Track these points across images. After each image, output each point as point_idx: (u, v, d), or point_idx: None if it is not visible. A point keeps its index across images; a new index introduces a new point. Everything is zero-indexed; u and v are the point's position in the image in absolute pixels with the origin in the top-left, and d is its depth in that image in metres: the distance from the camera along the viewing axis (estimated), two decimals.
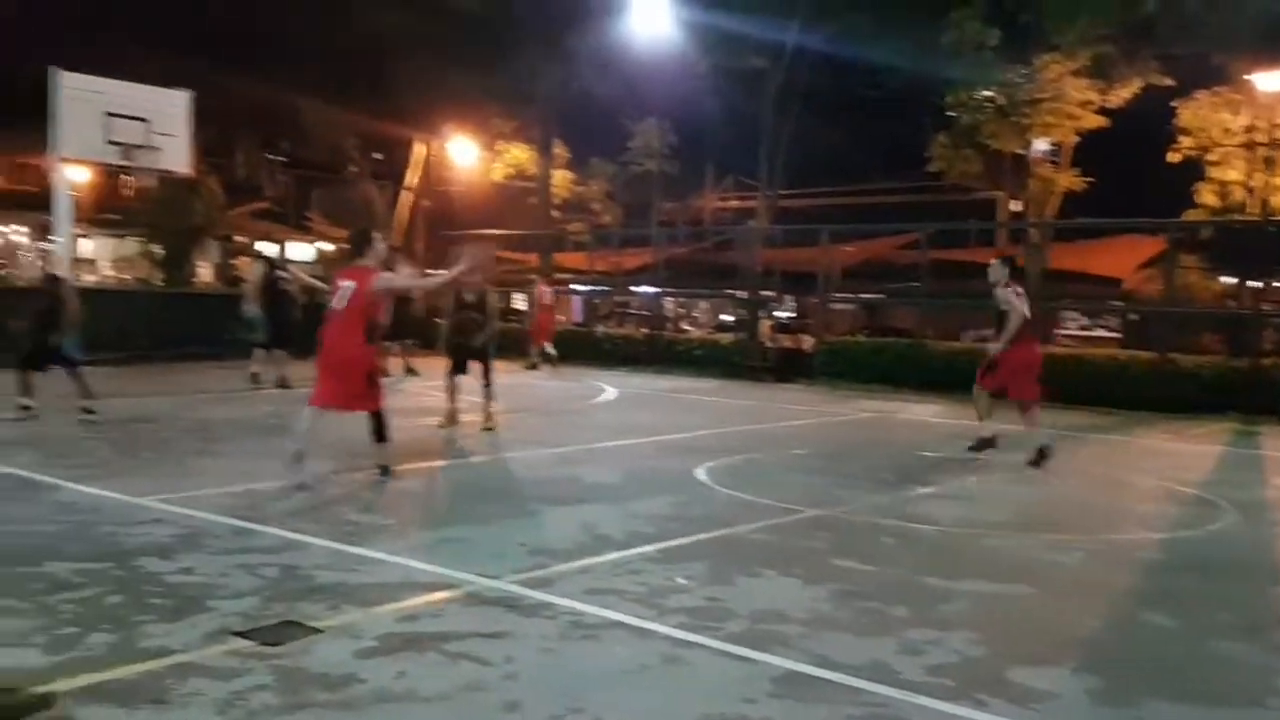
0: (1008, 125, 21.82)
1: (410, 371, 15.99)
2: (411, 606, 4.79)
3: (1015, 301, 9.37)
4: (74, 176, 17.28)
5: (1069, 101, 21.14)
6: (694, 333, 23.51)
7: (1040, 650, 4.53)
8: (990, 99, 21.77)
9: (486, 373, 10.73)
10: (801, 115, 21.38)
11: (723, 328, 24.55)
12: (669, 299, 23.57)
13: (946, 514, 7.32)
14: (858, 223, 24.10)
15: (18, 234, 30.05)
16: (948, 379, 15.57)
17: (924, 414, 13.68)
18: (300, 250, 28.18)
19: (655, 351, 19.75)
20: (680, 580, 5.36)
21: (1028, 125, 21.76)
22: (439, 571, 5.35)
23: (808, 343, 18.93)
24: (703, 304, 29.17)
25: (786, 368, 17.95)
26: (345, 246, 9.80)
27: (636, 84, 24.04)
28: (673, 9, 19.31)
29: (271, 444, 9.31)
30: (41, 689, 3.62)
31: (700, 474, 8.46)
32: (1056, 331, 23.21)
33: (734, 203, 35.26)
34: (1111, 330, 25.46)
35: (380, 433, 7.76)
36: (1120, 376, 14.96)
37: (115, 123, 15.71)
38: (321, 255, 28.18)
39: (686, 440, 10.54)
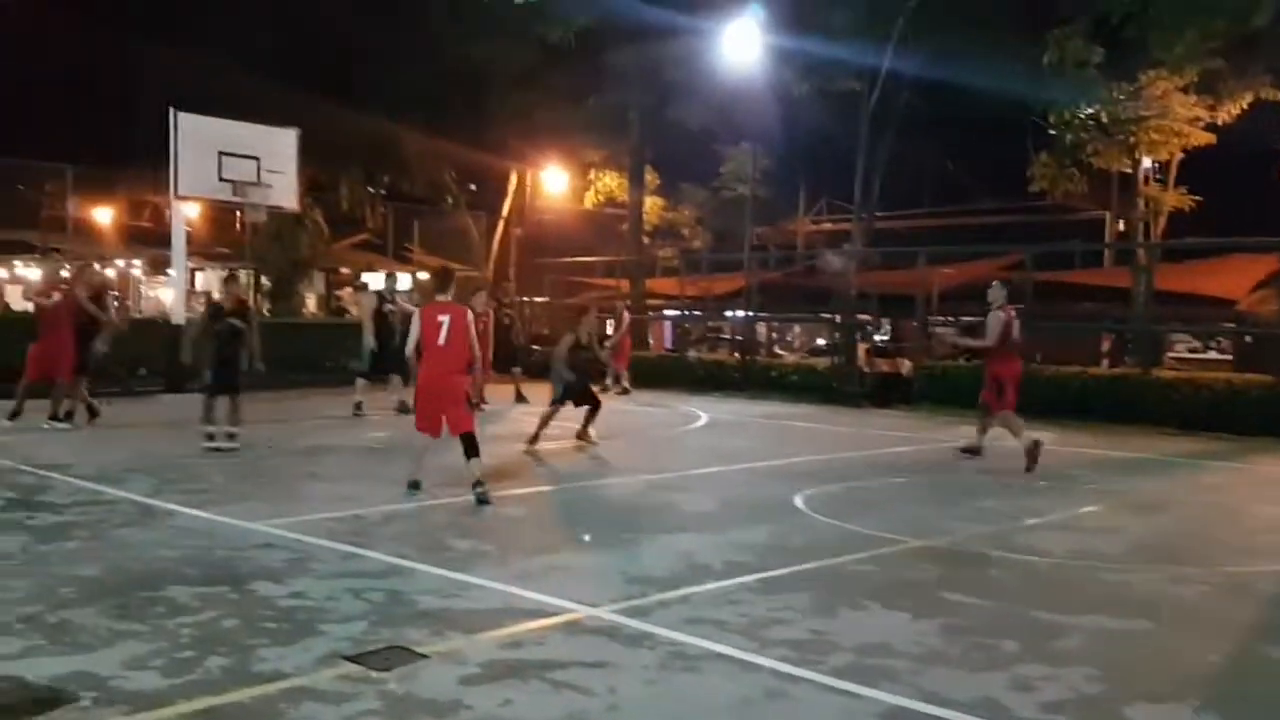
0: (1112, 143, 21.21)
1: (520, 399, 16.27)
2: (514, 633, 4.82)
3: (993, 326, 10.73)
4: (188, 212, 18.02)
5: (1176, 118, 20.46)
6: (788, 357, 23.32)
7: (1160, 687, 4.36)
8: (1094, 117, 21.20)
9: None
10: (898, 136, 21.09)
11: (817, 352, 24.31)
12: (762, 323, 23.44)
13: (1058, 545, 7.08)
14: (957, 244, 23.64)
15: (134, 268, 31.45)
16: (1056, 404, 15.12)
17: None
18: (401, 280, 28.82)
19: (748, 377, 19.64)
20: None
21: (1133, 143, 21.11)
22: (540, 599, 5.38)
23: (906, 367, 18.59)
24: (796, 328, 28.96)
25: (884, 393, 17.65)
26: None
27: (728, 109, 24.06)
28: (765, 35, 19.29)
29: (374, 469, 9.55)
30: None
31: (799, 502, 8.35)
32: (1166, 355, 22.37)
33: (827, 225, 34.99)
34: (1223, 353, 24.42)
35: (472, 450, 8.10)
36: (1234, 401, 14.33)
37: (228, 160, 16.35)
38: (418, 285, 28.88)
39: (783, 467, 10.44)
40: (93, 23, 21.59)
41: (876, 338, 18.53)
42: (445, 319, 8.02)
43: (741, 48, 19.57)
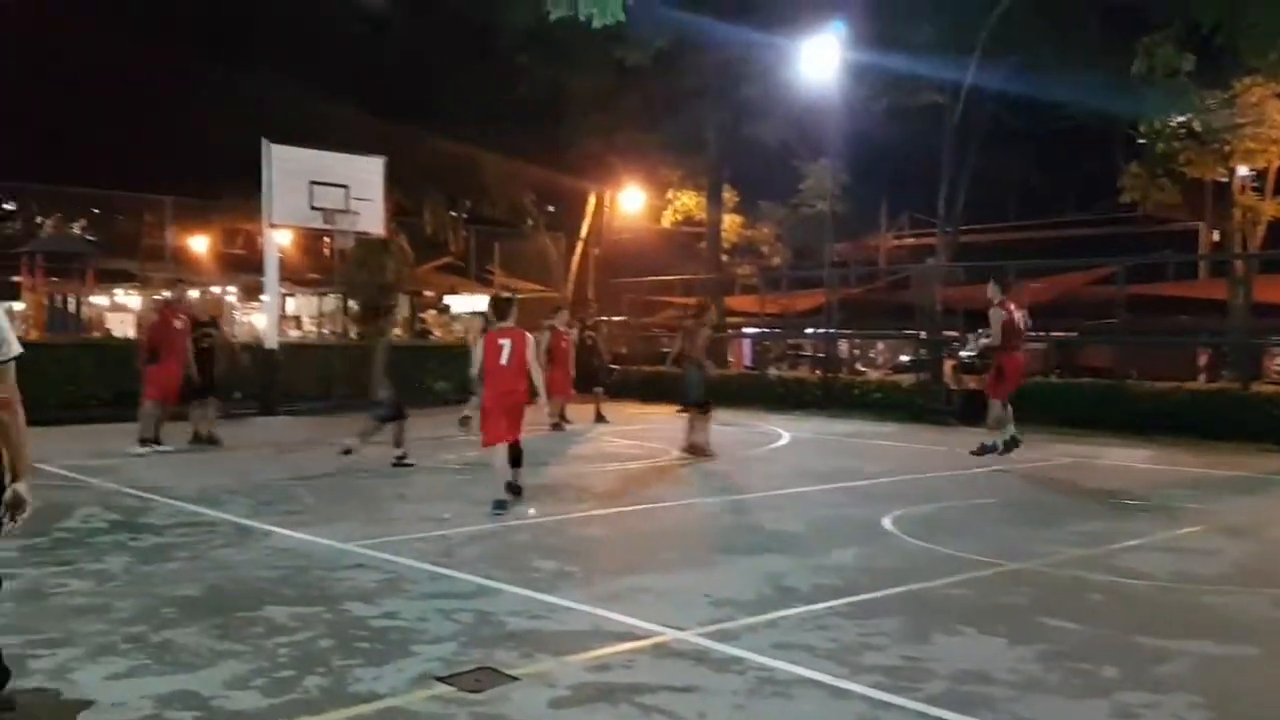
0: (1206, 152, 20.55)
1: (600, 419, 16.42)
2: (602, 656, 4.83)
3: (995, 322, 11.66)
4: (280, 239, 18.57)
5: (1272, 126, 19.75)
6: (871, 375, 23.02)
7: (1268, 716, 4.16)
8: (1185, 126, 20.60)
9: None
10: (982, 149, 20.75)
11: (901, 369, 23.94)
12: (843, 340, 23.20)
13: (1158, 567, 6.85)
14: (1045, 257, 23.14)
15: (229, 294, 32.50)
16: (1152, 421, 14.66)
17: (1127, 459, 12.90)
18: (481, 302, 29.26)
19: (830, 395, 19.43)
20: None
21: (1228, 152, 20.43)
22: (626, 621, 5.38)
23: None
24: (879, 345, 28.59)
25: (972, 410, 17.28)
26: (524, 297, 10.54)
27: (807, 125, 23.95)
28: (845, 50, 19.18)
29: (460, 489, 9.69)
30: None
31: (887, 524, 8.22)
32: (1266, 369, 21.53)
33: (910, 240, 34.53)
34: None
35: (517, 459, 8.85)
36: None
37: (319, 189, 16.82)
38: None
39: (870, 488, 10.29)
40: (188, 56, 22.44)
41: (963, 354, 18.13)
42: (506, 343, 8.58)
43: (820, 63, 19.46)
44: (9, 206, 33.78)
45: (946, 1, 18.70)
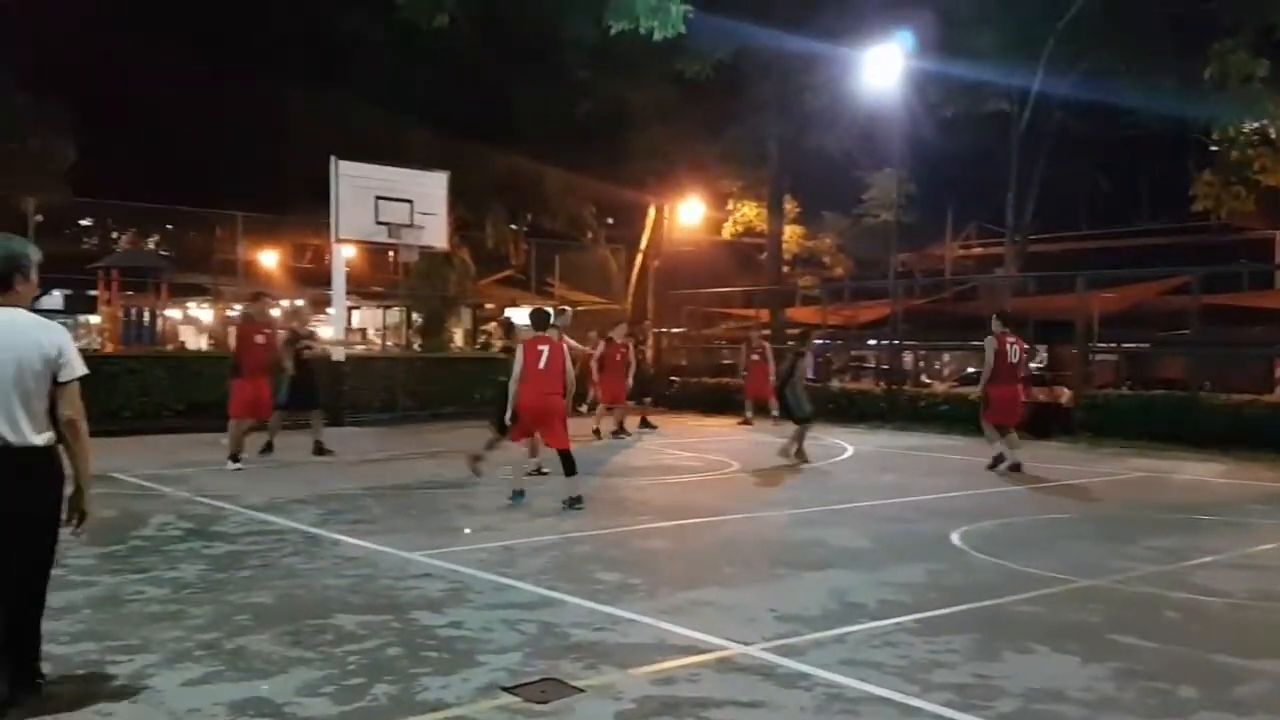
0: None
1: (647, 425, 16.49)
2: (666, 669, 4.81)
3: (987, 352, 12.24)
4: (346, 253, 18.88)
5: None
6: (937, 387, 22.68)
7: None
8: (1260, 132, 20.05)
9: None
10: (1051, 156, 20.39)
11: (968, 381, 23.56)
12: (908, 352, 22.90)
13: (1235, 584, 6.65)
14: (1116, 267, 22.61)
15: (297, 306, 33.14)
16: (1227, 435, 14.24)
17: (1202, 473, 12.55)
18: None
19: (894, 407, 19.19)
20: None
21: None
22: (690, 635, 5.35)
23: (1065, 396, 17.82)
24: (945, 356, 28.20)
25: (1042, 423, 16.95)
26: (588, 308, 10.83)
27: (870, 134, 23.78)
28: (908, 59, 19.00)
29: (522, 501, 9.72)
30: None
31: (955, 539, 8.09)
32: None
33: (977, 250, 34.05)
34: None
35: (570, 468, 9.25)
36: None
37: (384, 204, 17.09)
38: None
39: (937, 502, 10.14)
40: (258, 77, 22.98)
41: (1032, 366, 17.79)
42: (545, 349, 9.29)
43: (884, 72, 19.29)
44: (86, 223, 34.89)
45: (1013, 8, 18.44)
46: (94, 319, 29.61)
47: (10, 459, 3.94)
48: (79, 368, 4.09)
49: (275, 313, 14.59)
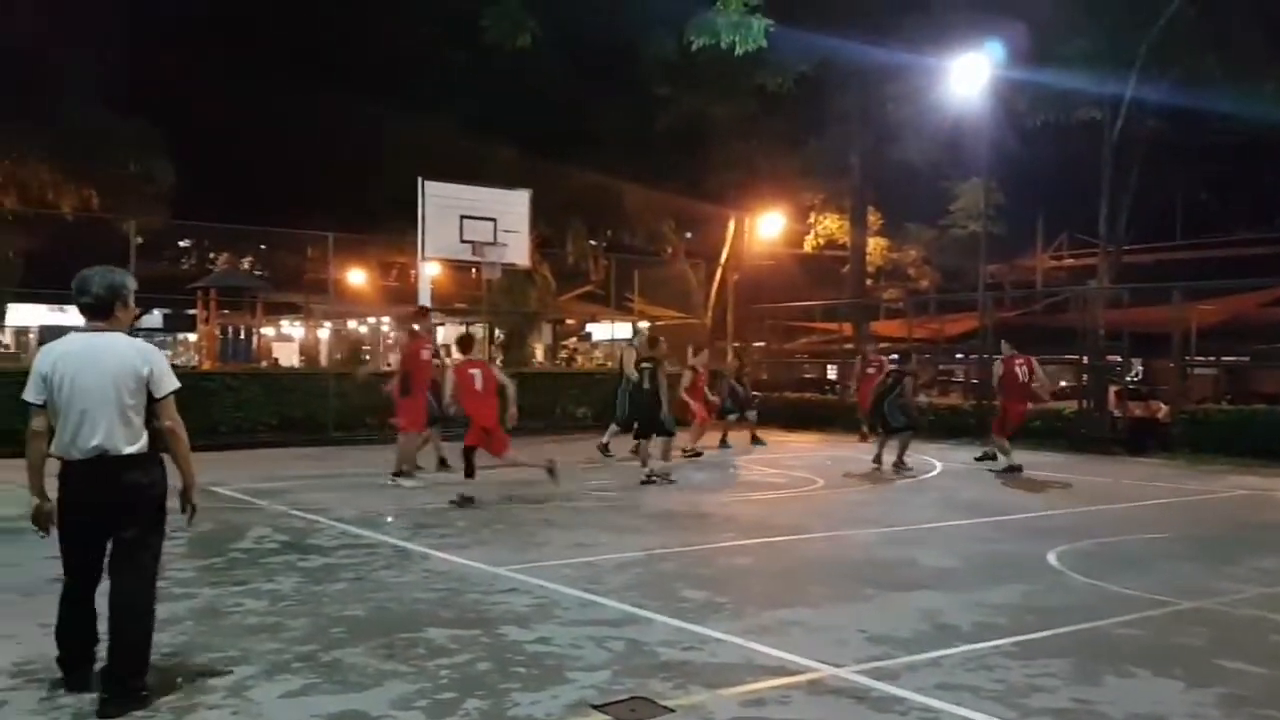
0: None
1: (757, 441, 16.56)
2: (756, 690, 4.76)
3: (996, 374, 14.17)
4: (430, 270, 19.20)
5: None
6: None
7: None
8: None
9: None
10: (1145, 165, 19.77)
11: (1061, 396, 22.95)
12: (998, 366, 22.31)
13: None
14: (1216, 278, 21.84)
15: (383, 324, 33.87)
16: None
17: None
18: (622, 330, 29.65)
19: (984, 422, 18.73)
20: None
21: None
22: (780, 655, 5.29)
23: (1162, 410, 17.25)
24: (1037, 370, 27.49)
25: (1139, 439, 16.43)
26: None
27: (956, 144, 23.39)
28: (996, 68, 18.64)
29: (605, 518, 9.75)
30: None
31: (1052, 559, 7.86)
32: None
33: (1069, 261, 33.20)
34: None
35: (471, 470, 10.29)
36: None
37: (469, 223, 17.37)
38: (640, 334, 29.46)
39: (1031, 521, 9.88)
40: (347, 99, 23.57)
41: (1127, 380, 17.26)
42: (476, 373, 10.39)
43: (970, 82, 18.96)
44: (184, 244, 36.15)
45: (1103, 15, 17.98)
46: (192, 337, 30.64)
47: (108, 465, 4.47)
48: (171, 383, 4.62)
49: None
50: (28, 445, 4.51)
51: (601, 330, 34.19)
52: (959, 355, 24.17)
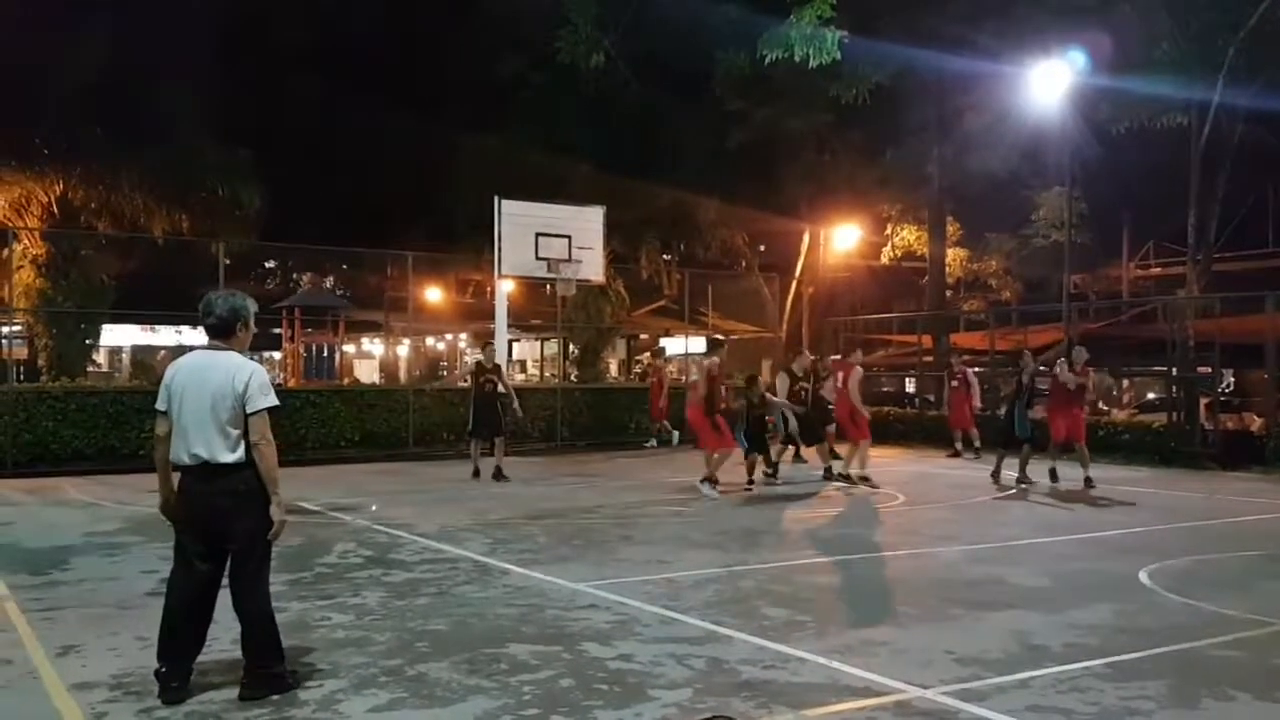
0: None
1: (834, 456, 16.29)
2: (842, 711, 4.70)
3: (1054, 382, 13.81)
4: (506, 287, 19.45)
5: None
6: (1116, 414, 21.52)
7: None
8: None
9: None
10: (1234, 171, 19.11)
11: (1149, 408, 22.28)
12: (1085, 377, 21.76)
13: None
14: None
15: (460, 340, 34.35)
16: None
17: None
18: (696, 344, 29.64)
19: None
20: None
21: None
22: (865, 676, 5.22)
23: (1256, 423, 16.65)
24: (1125, 382, 26.76)
25: (1232, 453, 15.87)
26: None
27: (1037, 153, 22.94)
28: (1077, 74, 18.22)
29: (683, 533, 9.73)
30: None
31: (1144, 578, 7.63)
32: None
33: (1156, 270, 32.30)
34: None
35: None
36: None
37: (544, 240, 17.56)
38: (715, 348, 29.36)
39: (1121, 538, 9.59)
40: (424, 119, 24.02)
41: (1219, 390, 16.71)
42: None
43: (1051, 89, 18.57)
44: (270, 265, 37.12)
45: (1189, 20, 17.47)
46: (277, 355, 31.43)
47: (208, 472, 4.79)
48: (261, 401, 4.82)
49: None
50: (155, 448, 4.96)
51: (675, 345, 34.21)
52: (1043, 368, 23.61)
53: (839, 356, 17.02)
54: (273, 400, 4.87)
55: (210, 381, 4.79)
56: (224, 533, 4.83)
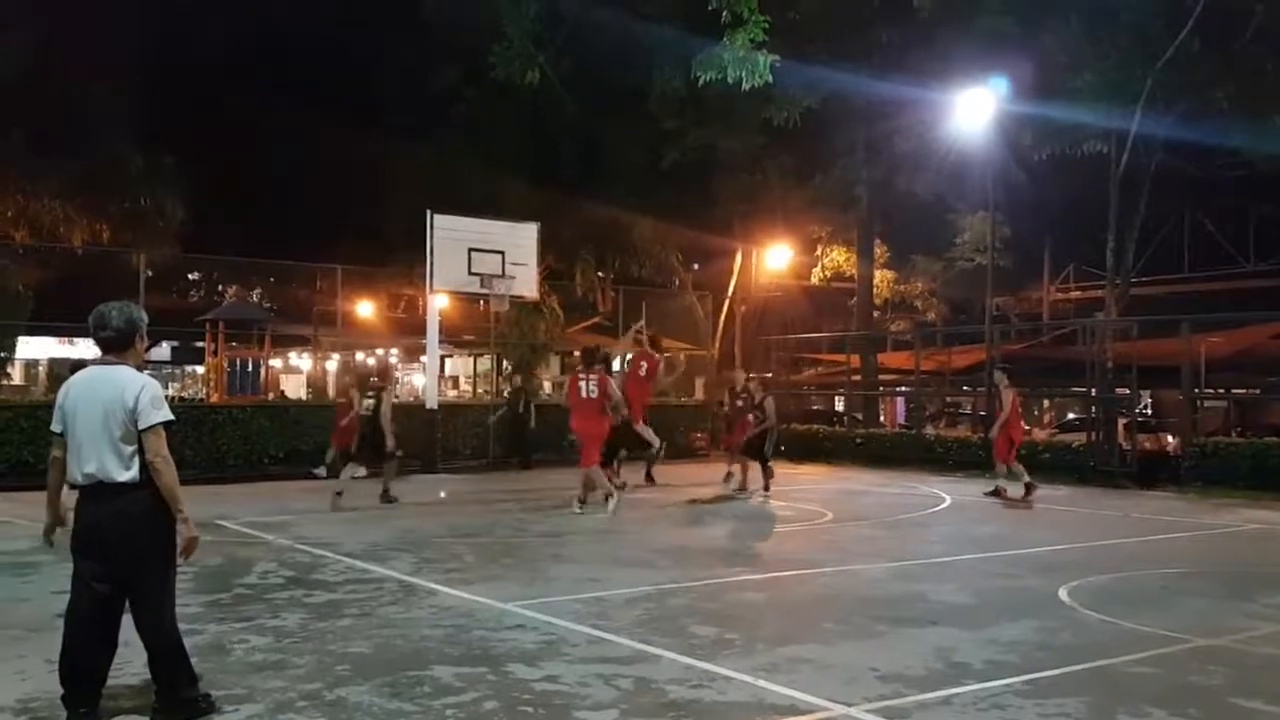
0: None
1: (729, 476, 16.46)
2: None
3: (1005, 401, 14.52)
4: (439, 302, 19.27)
5: None
6: (1037, 434, 22.04)
7: None
8: None
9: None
10: (1153, 197, 19.76)
11: (1069, 428, 22.84)
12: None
13: None
14: (1225, 310, 21.81)
15: (391, 355, 33.85)
16: None
17: None
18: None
19: (993, 455, 18.64)
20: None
21: None
22: (790, 694, 5.23)
23: (1172, 443, 17.15)
24: (1045, 403, 27.43)
25: (1149, 472, 16.33)
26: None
27: (963, 177, 23.45)
28: (1001, 101, 18.72)
29: (613, 551, 9.70)
30: None
31: (1064, 595, 7.78)
32: None
33: (1076, 293, 33.19)
34: None
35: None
36: None
37: (477, 255, 17.45)
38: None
39: (1041, 556, 9.79)
40: (355, 132, 23.77)
41: (1136, 412, 17.20)
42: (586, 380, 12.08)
43: (975, 115, 19.05)
44: (194, 277, 36.29)
45: (1109, 49, 18.05)
46: (200, 369, 30.68)
47: (102, 491, 4.61)
48: (154, 416, 4.62)
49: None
50: (49, 470, 4.80)
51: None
52: (965, 388, 24.13)
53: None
54: (167, 415, 4.67)
55: (102, 397, 4.61)
56: (119, 556, 4.62)
